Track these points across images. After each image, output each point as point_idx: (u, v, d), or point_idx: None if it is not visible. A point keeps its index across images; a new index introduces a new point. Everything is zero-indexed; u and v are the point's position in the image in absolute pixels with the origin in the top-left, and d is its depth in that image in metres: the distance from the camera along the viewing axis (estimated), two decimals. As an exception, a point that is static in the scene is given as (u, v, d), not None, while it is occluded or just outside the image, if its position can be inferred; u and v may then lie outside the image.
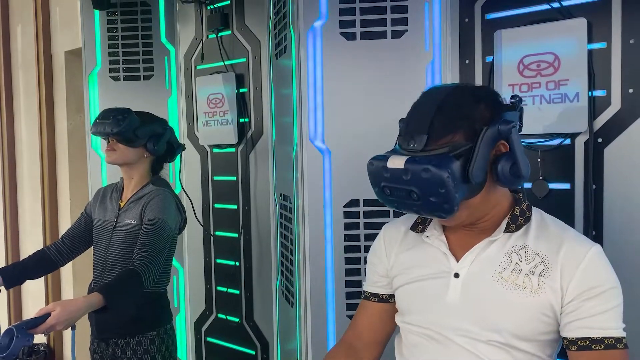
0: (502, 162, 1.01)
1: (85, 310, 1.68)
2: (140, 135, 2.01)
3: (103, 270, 2.03)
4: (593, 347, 1.01)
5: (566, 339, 1.04)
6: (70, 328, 1.69)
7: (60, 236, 2.19)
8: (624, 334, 1.02)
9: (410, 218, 1.23)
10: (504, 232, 1.08)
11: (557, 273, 1.03)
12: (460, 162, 0.96)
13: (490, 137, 0.99)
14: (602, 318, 1.01)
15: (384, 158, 1.03)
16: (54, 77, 3.71)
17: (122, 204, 2.06)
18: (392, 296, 1.24)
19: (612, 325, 1.01)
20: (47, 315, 1.59)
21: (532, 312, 1.04)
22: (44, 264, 2.10)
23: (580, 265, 1.02)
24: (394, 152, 1.05)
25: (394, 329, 1.27)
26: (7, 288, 1.98)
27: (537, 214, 1.12)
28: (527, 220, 1.09)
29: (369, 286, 1.28)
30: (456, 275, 1.09)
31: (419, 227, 1.19)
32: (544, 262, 1.05)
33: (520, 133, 1.64)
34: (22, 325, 1.52)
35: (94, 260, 2.09)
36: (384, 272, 1.24)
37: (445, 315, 1.10)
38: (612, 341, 1.00)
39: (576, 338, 1.02)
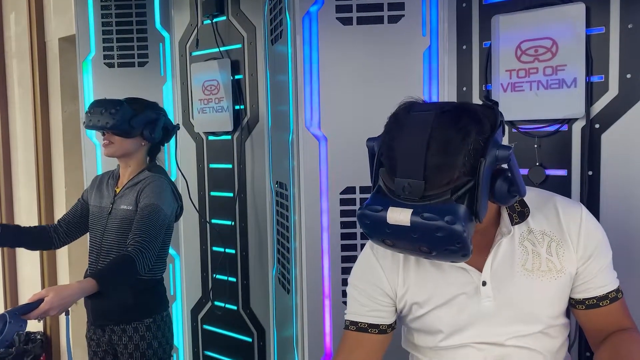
0: (499, 183, 0.95)
1: (79, 296, 1.68)
2: (135, 125, 1.99)
3: (98, 256, 2.02)
4: (600, 304, 1.08)
5: (573, 299, 1.10)
6: (64, 313, 1.69)
7: (56, 221, 2.18)
8: (618, 282, 1.11)
9: None
10: (512, 225, 1.07)
11: (568, 242, 1.07)
12: (465, 204, 0.89)
13: (488, 167, 0.92)
14: (604, 274, 1.08)
15: (379, 209, 0.92)
16: (47, 65, 3.68)
17: (117, 190, 2.05)
18: (391, 326, 1.16)
19: (611, 279, 1.09)
20: (41, 300, 1.58)
21: (564, 289, 1.08)
22: (42, 237, 2.09)
23: (581, 228, 1.07)
24: (384, 196, 0.94)
25: None
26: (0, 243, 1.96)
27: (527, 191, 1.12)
28: (525, 204, 1.09)
29: (363, 316, 1.15)
30: (484, 284, 1.07)
31: None
32: (553, 238, 1.08)
33: (517, 119, 1.66)
34: (15, 311, 1.51)
35: (89, 246, 2.09)
36: (388, 300, 1.14)
37: (486, 325, 1.08)
38: (614, 294, 1.09)
39: (584, 298, 1.09)
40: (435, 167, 0.89)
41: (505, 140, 1.60)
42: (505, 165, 0.98)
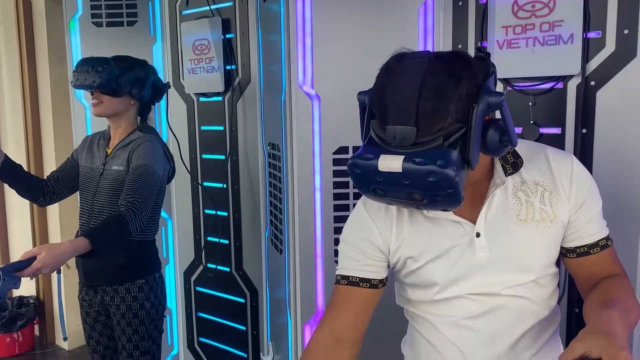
0: (491, 133, 0.94)
1: (71, 254, 1.67)
2: (123, 83, 1.95)
3: (90, 217, 2.01)
4: (591, 252, 1.10)
5: (564, 248, 1.11)
6: (56, 272, 1.69)
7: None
8: (608, 230, 1.12)
9: None
10: (506, 176, 1.07)
11: (560, 190, 1.07)
12: (457, 150, 0.88)
13: (480, 113, 0.90)
14: (594, 222, 1.09)
15: (370, 157, 0.90)
16: (34, 26, 3.59)
17: (109, 151, 2.03)
18: (382, 281, 1.15)
19: (602, 227, 1.11)
20: (33, 258, 1.58)
21: (556, 238, 1.09)
22: (36, 187, 2.06)
23: (572, 177, 1.07)
24: (375, 145, 0.92)
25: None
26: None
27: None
28: (517, 155, 1.09)
29: (355, 270, 1.14)
30: (477, 235, 1.07)
31: None
32: (546, 188, 1.08)
33: (513, 77, 1.64)
34: (7, 268, 1.51)
35: (80, 207, 2.07)
36: (380, 255, 1.14)
37: (481, 276, 1.08)
38: (604, 241, 1.10)
39: (575, 247, 1.10)
40: (427, 114, 0.88)
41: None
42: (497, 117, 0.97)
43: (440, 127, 0.89)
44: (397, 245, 1.12)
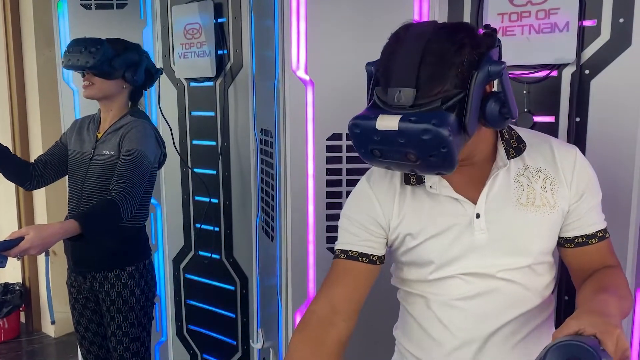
0: (491, 104, 0.96)
1: (60, 236, 1.65)
2: (116, 66, 1.92)
3: (79, 201, 1.99)
4: (589, 242, 1.12)
5: (562, 237, 1.13)
6: (43, 254, 1.67)
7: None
8: (606, 223, 1.14)
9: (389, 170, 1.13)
10: (508, 159, 1.08)
11: (562, 179, 1.09)
12: (455, 114, 0.91)
13: (480, 81, 0.93)
14: (593, 213, 1.12)
15: (370, 117, 0.93)
16: (20, 9, 3.52)
17: (99, 135, 2.00)
18: (380, 258, 1.16)
19: (600, 219, 1.13)
20: (21, 238, 1.56)
21: (555, 226, 1.10)
22: (24, 171, 2.02)
23: (575, 167, 1.09)
24: (377, 108, 0.95)
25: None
26: None
27: (521, 132, 1.14)
28: (521, 140, 1.10)
29: (355, 245, 1.15)
30: (477, 216, 1.08)
31: (411, 178, 1.12)
32: (548, 176, 1.09)
33: (507, 64, 1.63)
34: None
35: (69, 192, 2.04)
36: (380, 231, 1.14)
37: (478, 256, 1.09)
38: (602, 233, 1.13)
39: (573, 237, 1.12)
40: (427, 76, 0.91)
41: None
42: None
43: (439, 90, 0.91)
44: (398, 221, 1.13)
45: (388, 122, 0.91)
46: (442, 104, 0.90)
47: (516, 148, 1.09)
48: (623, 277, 1.09)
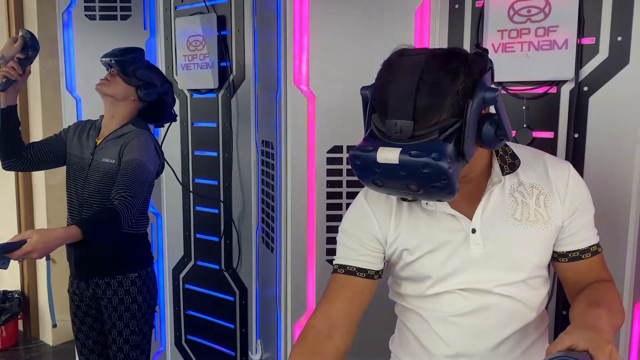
0: (486, 126, 0.97)
1: (62, 241, 1.67)
2: (139, 75, 2.01)
3: (80, 207, 1.99)
4: (583, 257, 1.13)
5: (556, 252, 1.15)
6: (45, 258, 1.68)
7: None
8: (599, 238, 1.16)
9: None
10: (503, 175, 1.10)
11: (555, 195, 1.11)
12: (453, 143, 0.92)
13: (476, 108, 0.94)
14: (587, 229, 1.14)
15: (369, 149, 0.94)
16: (24, 19, 3.55)
17: (98, 142, 2.01)
18: (378, 273, 1.17)
19: (593, 234, 1.15)
20: (24, 241, 1.57)
21: (549, 240, 1.12)
22: (18, 143, 2.00)
23: (569, 184, 1.11)
24: (375, 138, 0.96)
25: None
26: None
27: (515, 148, 1.16)
28: (515, 157, 1.12)
29: (352, 260, 1.16)
30: (473, 231, 1.09)
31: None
32: (542, 191, 1.11)
33: (507, 80, 1.66)
34: None
35: (67, 196, 2.05)
36: (378, 246, 1.16)
37: (474, 271, 1.10)
38: (595, 247, 1.14)
39: (567, 251, 1.14)
40: (424, 108, 0.92)
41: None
42: (492, 110, 1.00)
43: (436, 121, 0.92)
44: (395, 236, 1.14)
45: (388, 155, 0.92)
46: (440, 134, 0.92)
47: (510, 164, 1.11)
48: (615, 291, 1.10)
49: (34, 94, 3.54)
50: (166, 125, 2.27)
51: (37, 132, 3.57)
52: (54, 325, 1.93)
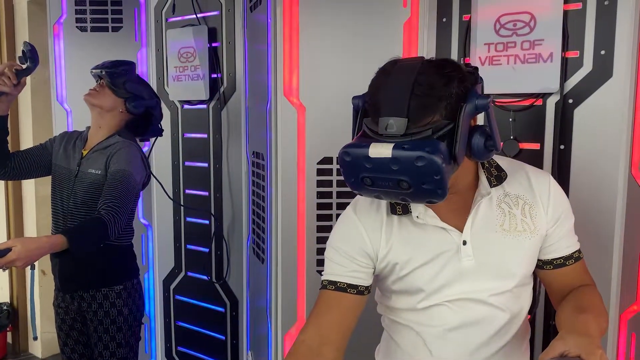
0: (477, 137, 0.98)
1: (47, 250, 1.65)
2: (128, 87, 2.02)
3: (65, 218, 1.98)
4: (567, 263, 1.16)
5: (541, 260, 1.17)
6: (29, 267, 1.66)
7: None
8: (579, 244, 1.19)
9: (376, 200, 1.15)
10: (490, 187, 1.11)
11: (540, 205, 1.13)
12: (445, 143, 0.93)
13: (468, 113, 0.96)
14: (569, 236, 1.16)
15: (361, 145, 0.94)
16: (15, 30, 3.55)
17: (84, 153, 2.01)
18: (367, 288, 1.16)
19: (575, 241, 1.18)
20: (8, 250, 1.56)
21: (535, 249, 1.14)
22: (3, 152, 2.00)
23: (550, 193, 1.13)
24: (367, 137, 0.96)
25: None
26: None
27: (498, 160, 1.18)
28: (501, 169, 1.14)
29: (342, 276, 1.14)
30: (464, 243, 1.10)
31: (397, 209, 1.13)
32: (527, 202, 1.13)
33: (494, 92, 1.68)
34: None
35: (52, 207, 2.04)
36: (368, 261, 1.15)
37: (466, 283, 1.11)
38: (577, 253, 1.17)
39: (552, 259, 1.16)
40: (418, 106, 0.93)
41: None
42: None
43: (429, 120, 0.94)
44: (386, 251, 1.14)
45: (381, 150, 0.92)
46: (433, 133, 0.93)
47: (497, 176, 1.13)
48: (598, 295, 1.14)
49: (25, 104, 3.53)
50: (152, 139, 2.28)
51: (27, 143, 3.56)
52: (35, 338, 1.92)
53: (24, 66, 1.84)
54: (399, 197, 0.98)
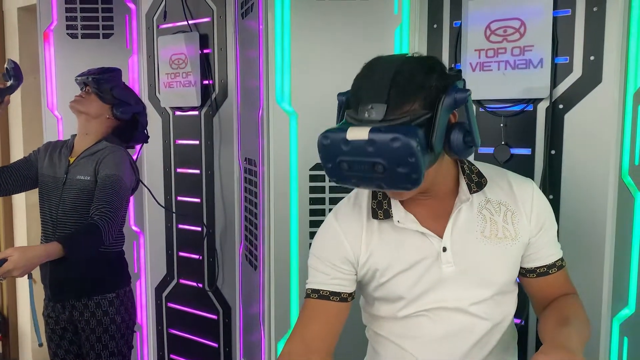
0: (455, 132, 0.99)
1: (44, 258, 1.65)
2: (114, 94, 2.02)
3: (55, 227, 1.96)
4: (550, 272, 1.16)
5: (524, 268, 1.17)
6: (26, 276, 1.65)
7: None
8: (562, 252, 1.19)
9: (357, 205, 1.16)
10: (470, 193, 1.10)
11: (522, 212, 1.13)
12: (422, 130, 0.94)
13: (447, 105, 0.97)
14: (551, 244, 1.16)
15: (340, 130, 0.95)
16: (5, 36, 3.53)
17: (71, 160, 2.00)
18: (351, 295, 1.17)
19: (558, 249, 1.18)
20: (4, 260, 1.55)
21: (517, 256, 1.14)
22: None
23: (534, 200, 1.13)
24: (347, 124, 0.97)
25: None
26: None
27: (480, 166, 1.17)
28: (482, 175, 1.14)
29: (325, 284, 1.15)
30: (444, 249, 1.10)
31: (378, 213, 1.13)
32: (509, 208, 1.13)
33: (485, 98, 1.69)
34: None
35: (41, 217, 2.02)
36: (350, 268, 1.15)
37: (447, 290, 1.11)
38: (559, 262, 1.17)
39: (535, 267, 1.16)
40: (398, 94, 0.95)
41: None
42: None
43: (408, 108, 0.95)
44: (367, 257, 1.14)
45: (358, 133, 0.93)
46: (411, 120, 0.94)
47: (477, 183, 1.12)
48: (581, 303, 1.14)
49: (15, 112, 3.51)
50: (138, 146, 2.27)
51: (17, 151, 3.54)
52: (40, 345, 1.89)
53: (8, 84, 1.82)
54: (375, 183, 0.98)
